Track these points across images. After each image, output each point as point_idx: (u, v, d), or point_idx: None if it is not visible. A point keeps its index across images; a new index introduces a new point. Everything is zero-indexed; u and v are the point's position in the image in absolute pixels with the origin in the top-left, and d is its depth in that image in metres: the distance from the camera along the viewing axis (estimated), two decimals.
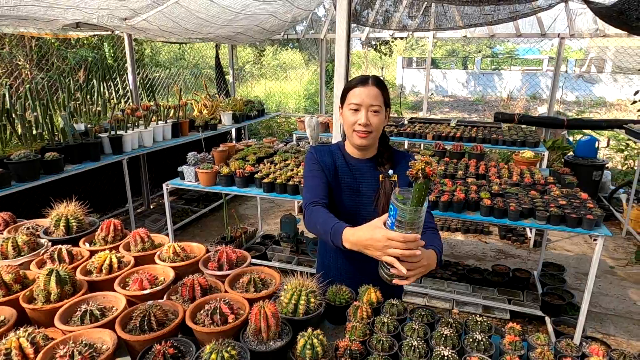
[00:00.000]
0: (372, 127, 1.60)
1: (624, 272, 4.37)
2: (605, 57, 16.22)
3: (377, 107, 1.59)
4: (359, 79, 1.63)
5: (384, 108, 1.63)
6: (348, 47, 2.09)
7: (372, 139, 1.64)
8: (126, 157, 4.17)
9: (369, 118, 1.59)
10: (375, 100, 1.58)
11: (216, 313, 1.31)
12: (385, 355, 1.25)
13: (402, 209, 1.20)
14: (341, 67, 2.18)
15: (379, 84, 1.61)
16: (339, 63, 2.14)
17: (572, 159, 6.01)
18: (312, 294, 1.41)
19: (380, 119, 1.61)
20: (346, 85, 1.67)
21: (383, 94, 1.62)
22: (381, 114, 1.61)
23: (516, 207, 2.57)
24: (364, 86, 1.59)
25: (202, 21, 5.10)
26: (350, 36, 2.09)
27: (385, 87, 1.64)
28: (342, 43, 2.06)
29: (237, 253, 1.69)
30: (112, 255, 1.61)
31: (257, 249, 4.40)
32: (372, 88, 1.59)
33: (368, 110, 1.59)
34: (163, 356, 1.16)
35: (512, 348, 1.32)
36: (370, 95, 1.58)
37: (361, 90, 1.59)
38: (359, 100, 1.59)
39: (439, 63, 25.70)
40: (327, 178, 1.71)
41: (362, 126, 1.59)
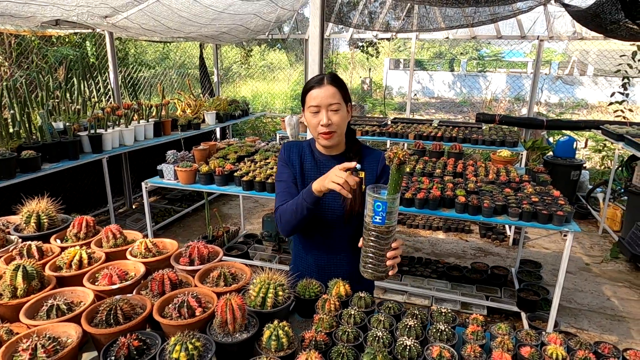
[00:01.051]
0: (334, 125, 1.60)
1: (599, 269, 4.47)
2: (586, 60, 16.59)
3: (335, 105, 1.58)
4: (315, 79, 1.63)
5: (344, 104, 1.63)
6: (322, 46, 2.11)
7: (337, 137, 1.65)
8: (106, 156, 4.14)
9: (330, 117, 1.59)
10: (333, 98, 1.58)
11: (183, 306, 1.32)
12: (350, 345, 1.28)
13: (388, 200, 1.28)
14: (315, 66, 2.20)
15: (335, 82, 1.61)
16: (313, 62, 2.16)
17: (552, 159, 6.13)
18: (280, 287, 1.43)
19: (341, 116, 1.61)
20: (304, 88, 1.66)
21: (340, 91, 1.61)
22: (341, 111, 1.61)
23: (490, 204, 2.63)
24: (321, 86, 1.59)
25: (184, 20, 5.09)
26: (324, 36, 2.11)
27: (342, 84, 1.64)
28: (315, 42, 2.08)
29: (209, 248, 1.70)
30: (82, 251, 1.61)
31: (239, 248, 4.40)
32: (328, 87, 1.59)
33: (328, 109, 1.59)
34: (127, 348, 1.17)
35: (474, 338, 1.35)
36: (327, 95, 1.58)
37: (318, 91, 1.59)
38: (317, 101, 1.59)
39: (425, 65, 25.94)
40: (294, 176, 1.73)
41: (325, 126, 1.60)
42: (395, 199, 1.30)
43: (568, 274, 4.33)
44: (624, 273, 4.39)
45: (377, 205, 1.30)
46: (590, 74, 18.01)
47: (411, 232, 5.32)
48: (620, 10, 4.12)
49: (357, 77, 19.83)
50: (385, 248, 1.38)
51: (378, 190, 1.33)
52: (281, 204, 1.69)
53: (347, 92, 1.67)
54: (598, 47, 7.86)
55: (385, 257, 1.39)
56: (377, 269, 1.41)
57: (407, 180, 3.20)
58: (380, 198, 1.29)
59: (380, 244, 1.37)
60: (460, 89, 21.79)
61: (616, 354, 1.31)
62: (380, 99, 17.60)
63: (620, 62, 6.03)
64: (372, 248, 1.38)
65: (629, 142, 4.79)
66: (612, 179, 5.28)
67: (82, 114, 4.43)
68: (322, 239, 1.79)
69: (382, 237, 1.36)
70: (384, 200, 1.29)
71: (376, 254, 1.39)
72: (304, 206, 1.56)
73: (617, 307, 3.78)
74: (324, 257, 1.80)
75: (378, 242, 1.37)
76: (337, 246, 1.79)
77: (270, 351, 1.24)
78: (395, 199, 1.30)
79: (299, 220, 1.60)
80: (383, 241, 1.37)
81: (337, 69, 17.99)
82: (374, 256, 1.40)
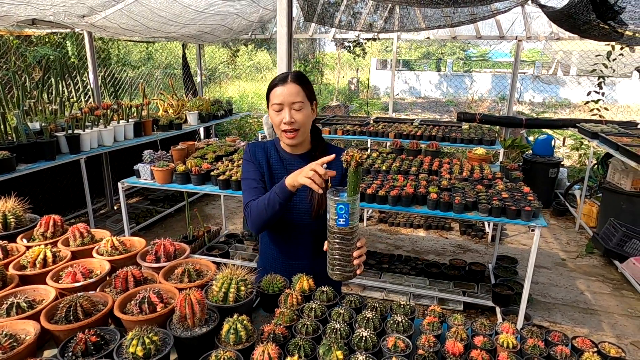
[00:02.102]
0: (298, 123, 1.62)
1: (574, 264, 4.57)
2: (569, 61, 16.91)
3: (299, 103, 1.60)
4: (279, 77, 1.64)
5: (308, 103, 1.64)
6: (290, 46, 2.13)
7: (301, 135, 1.66)
8: (84, 156, 4.10)
9: (292, 115, 1.60)
10: (296, 97, 1.59)
11: (144, 302, 1.33)
12: (309, 338, 1.30)
13: (350, 201, 1.32)
14: (283, 65, 2.22)
15: (298, 80, 1.62)
16: (281, 61, 2.18)
17: (530, 157, 6.24)
18: (243, 282, 1.45)
19: (305, 114, 1.63)
20: (268, 86, 1.67)
21: (304, 89, 1.62)
22: (305, 109, 1.62)
23: (461, 201, 2.68)
24: (284, 84, 1.60)
25: (164, 20, 5.07)
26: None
27: (306, 82, 1.65)
28: (283, 41, 2.10)
29: (175, 246, 1.71)
30: (46, 250, 1.61)
31: (220, 248, 4.41)
32: (291, 85, 1.60)
33: (290, 108, 1.60)
34: (84, 344, 1.18)
35: (430, 328, 1.39)
36: (291, 93, 1.59)
37: (282, 89, 1.60)
38: (280, 99, 1.60)
39: (412, 65, 26.13)
40: (261, 173, 1.75)
41: (288, 124, 1.61)
42: (355, 199, 1.34)
43: (544, 269, 4.43)
44: (598, 268, 4.50)
45: (339, 208, 1.33)
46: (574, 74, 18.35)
47: (392, 230, 5.37)
48: (591, 11, 4.22)
49: (344, 77, 19.90)
50: (350, 248, 1.41)
51: (337, 193, 1.36)
52: (251, 199, 1.69)
53: (311, 90, 1.68)
54: (575, 47, 8.03)
55: (352, 257, 1.42)
56: (344, 270, 1.44)
57: (382, 179, 3.25)
58: (341, 201, 1.32)
59: (346, 245, 1.40)
60: (446, 89, 22.01)
61: (565, 341, 1.36)
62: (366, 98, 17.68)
63: (596, 62, 6.17)
64: (338, 250, 1.41)
65: (603, 140, 4.90)
66: (587, 176, 5.40)
67: (60, 114, 4.39)
68: (288, 241, 1.81)
69: (347, 239, 1.39)
70: (345, 203, 1.32)
71: (342, 256, 1.41)
72: (276, 201, 1.56)
73: (589, 300, 3.87)
74: (289, 259, 1.82)
75: (343, 243, 1.39)
76: (302, 249, 1.80)
77: (229, 344, 1.26)
78: (356, 199, 1.34)
79: (270, 216, 1.60)
80: (348, 242, 1.40)
81: (324, 69, 18.04)
82: (341, 258, 1.42)
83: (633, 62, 6.75)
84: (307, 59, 16.38)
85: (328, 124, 5.84)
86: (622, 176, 4.77)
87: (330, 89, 18.00)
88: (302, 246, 1.80)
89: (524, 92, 18.02)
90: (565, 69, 20.05)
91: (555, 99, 17.10)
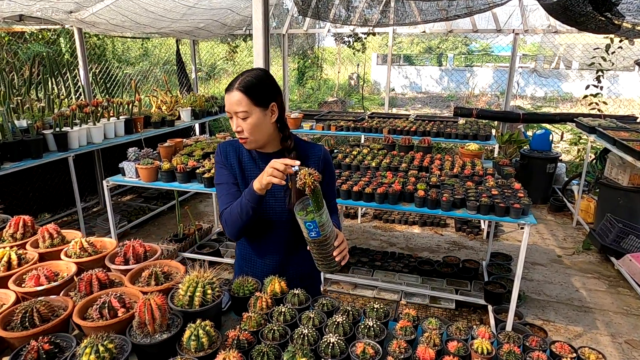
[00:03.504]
0: (245, 132, 1.55)
1: (570, 260, 4.51)
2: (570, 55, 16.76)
3: (242, 112, 1.52)
4: (230, 83, 1.56)
5: (257, 109, 1.54)
6: (266, 40, 2.06)
7: (253, 142, 1.60)
8: (72, 154, 4.06)
9: (239, 124, 1.55)
10: (238, 106, 1.51)
11: (105, 307, 1.29)
12: (275, 344, 1.25)
13: (316, 218, 1.36)
14: (260, 60, 2.14)
15: (244, 88, 1.52)
16: (258, 56, 2.10)
17: (528, 152, 6.16)
18: (210, 285, 1.39)
19: (252, 122, 1.54)
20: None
21: (250, 97, 1.52)
22: (252, 117, 1.53)
23: (448, 198, 2.61)
24: (230, 92, 1.53)
25: (155, 15, 5.01)
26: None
27: (252, 89, 1.53)
28: (259, 35, 2.03)
29: (146, 247, 1.66)
30: (11, 252, 1.57)
31: (211, 246, 4.36)
32: (234, 94, 1.51)
33: (236, 117, 1.54)
34: (37, 352, 1.13)
35: (402, 333, 1.34)
36: (234, 102, 1.52)
37: (227, 97, 1.54)
38: (227, 107, 1.55)
39: (414, 60, 25.98)
40: (234, 176, 1.69)
41: (237, 132, 1.57)
42: (322, 213, 1.37)
43: (539, 266, 4.37)
44: (594, 264, 4.43)
45: (308, 225, 1.38)
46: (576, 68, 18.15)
47: (387, 227, 5.32)
48: (587, 2, 4.13)
49: (345, 72, 19.79)
50: (329, 250, 1.46)
51: (306, 205, 1.39)
52: (225, 207, 1.64)
53: (261, 95, 1.55)
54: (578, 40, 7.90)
55: (332, 255, 1.46)
56: (329, 266, 1.50)
57: (371, 175, 3.18)
58: (307, 219, 1.37)
59: (324, 249, 1.45)
60: (447, 84, 21.87)
61: (544, 346, 1.30)
62: (365, 94, 17.59)
63: (595, 55, 6.07)
64: (317, 254, 1.47)
65: (600, 135, 4.82)
66: (585, 171, 5.32)
67: (48, 112, 4.34)
68: (262, 238, 1.75)
69: (322, 245, 1.44)
70: (312, 219, 1.36)
71: (323, 257, 1.47)
72: (248, 207, 1.53)
73: (584, 298, 3.81)
74: (263, 256, 1.76)
75: (321, 249, 1.45)
76: (275, 246, 1.75)
77: (190, 351, 1.21)
78: (322, 213, 1.37)
79: (245, 222, 1.57)
80: (325, 247, 1.45)
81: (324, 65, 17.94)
82: (322, 259, 1.48)
83: (633, 55, 6.64)
84: (307, 54, 16.29)
85: (322, 119, 5.77)
86: (620, 171, 4.69)
87: (330, 85, 17.91)
88: (276, 243, 1.75)
89: (526, 87, 17.88)
90: (567, 63, 19.87)
91: (558, 93, 16.94)
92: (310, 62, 16.46)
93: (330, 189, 1.77)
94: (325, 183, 1.71)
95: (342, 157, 3.64)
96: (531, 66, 21.46)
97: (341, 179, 3.15)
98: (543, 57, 22.41)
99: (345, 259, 1.49)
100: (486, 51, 25.71)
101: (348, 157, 3.65)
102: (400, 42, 26.37)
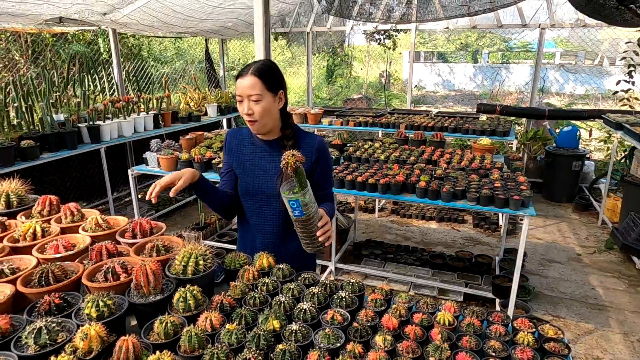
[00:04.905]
0: (255, 115, 1.67)
1: (590, 259, 4.41)
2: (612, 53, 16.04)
3: (255, 95, 1.64)
4: (242, 69, 1.70)
5: (268, 94, 1.67)
6: (267, 36, 2.19)
7: (261, 126, 1.72)
8: (104, 146, 4.36)
9: (250, 107, 1.66)
10: (252, 89, 1.64)
11: (109, 272, 1.46)
12: (255, 309, 1.39)
13: (299, 197, 1.46)
14: (260, 55, 2.29)
15: (258, 72, 1.65)
16: (259, 51, 2.25)
17: (553, 149, 6.03)
18: (202, 257, 1.55)
19: (263, 106, 1.66)
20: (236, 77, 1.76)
21: (263, 81, 1.64)
22: (263, 101, 1.66)
23: (449, 189, 2.67)
24: (243, 76, 1.66)
25: (182, 16, 5.27)
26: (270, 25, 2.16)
27: (266, 75, 1.66)
28: (259, 30, 2.17)
29: (152, 224, 1.84)
30: (36, 225, 1.78)
31: (230, 235, 4.57)
32: (249, 78, 1.64)
33: (249, 100, 1.66)
34: (49, 305, 1.32)
35: (373, 305, 1.44)
36: (247, 86, 1.64)
37: (240, 81, 1.66)
38: (239, 91, 1.67)
39: (448, 57, 25.53)
40: (229, 165, 1.89)
41: (247, 115, 1.69)
42: (305, 194, 1.47)
43: (556, 264, 4.31)
44: (615, 264, 4.32)
45: (291, 203, 1.48)
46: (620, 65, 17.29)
47: (404, 221, 5.37)
48: None
49: (376, 70, 19.72)
50: (312, 230, 1.56)
51: (292, 187, 1.49)
52: None
53: (273, 81, 1.70)
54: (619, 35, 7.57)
55: (316, 235, 1.56)
56: (313, 245, 1.61)
57: (378, 168, 3.27)
58: (291, 197, 1.47)
59: (308, 229, 1.56)
60: (481, 82, 21.37)
61: (506, 321, 1.38)
62: (396, 92, 17.50)
63: (626, 50, 5.86)
64: (301, 233, 1.58)
65: (627, 131, 4.68)
66: (611, 169, 5.17)
67: (83, 107, 4.67)
68: (261, 216, 1.90)
69: (306, 224, 1.54)
70: (295, 199, 1.46)
71: (307, 236, 1.58)
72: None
73: (600, 296, 3.75)
74: (262, 239, 1.91)
75: (304, 228, 1.56)
76: (272, 228, 1.89)
77: (178, 311, 1.37)
78: (305, 193, 1.47)
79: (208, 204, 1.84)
80: (309, 226, 1.55)
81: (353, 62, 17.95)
82: (306, 237, 1.59)
83: None
84: (336, 52, 16.36)
85: (342, 115, 5.87)
86: None
87: (359, 82, 17.92)
88: (271, 219, 1.88)
89: (565, 84, 17.24)
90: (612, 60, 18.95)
91: (599, 90, 16.23)
92: (340, 60, 16.52)
93: (324, 178, 1.88)
94: (319, 172, 1.85)
95: (354, 151, 3.74)
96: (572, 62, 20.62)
97: (347, 170, 3.25)
98: (584, 53, 21.49)
99: (329, 240, 1.59)
100: (526, 47, 24.89)
101: (359, 150, 3.75)
102: (435, 40, 25.98)
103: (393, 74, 18.51)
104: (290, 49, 14.66)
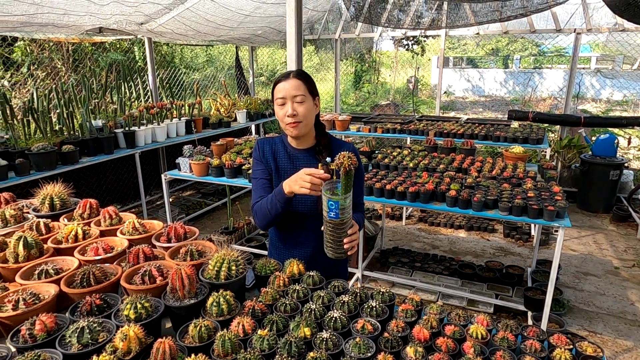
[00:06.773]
0: (300, 116, 1.71)
1: (629, 273, 4.23)
2: None
3: (300, 96, 1.69)
4: (282, 74, 1.76)
5: (310, 97, 1.73)
6: (299, 45, 2.22)
7: (303, 127, 1.75)
8: (138, 151, 4.51)
9: (295, 108, 1.70)
10: (297, 90, 1.70)
11: (146, 275, 1.52)
12: (285, 315, 1.41)
13: (340, 199, 1.46)
14: (292, 64, 2.32)
15: (300, 76, 1.74)
16: (291, 61, 2.29)
17: (589, 157, 5.83)
18: (235, 263, 1.58)
19: (307, 107, 1.72)
20: (273, 83, 1.79)
21: (306, 84, 1.72)
22: (307, 102, 1.71)
23: (480, 198, 2.62)
24: (286, 80, 1.72)
25: (214, 25, 5.41)
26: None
27: (307, 78, 1.75)
28: (292, 40, 2.21)
29: (186, 229, 1.89)
30: (78, 228, 1.86)
31: (258, 240, 4.63)
32: (293, 80, 1.71)
33: (293, 101, 1.70)
34: (90, 305, 1.38)
35: (403, 315, 1.44)
36: (292, 87, 1.69)
37: (284, 84, 1.71)
38: (283, 93, 1.71)
39: (478, 62, 25.11)
40: (268, 172, 1.86)
41: (290, 117, 1.71)
42: (346, 197, 1.48)
43: (592, 277, 4.15)
44: None
45: (330, 204, 1.48)
46: None
47: (432, 229, 5.29)
48: None
49: (403, 75, 19.60)
50: (341, 235, 1.56)
51: (333, 187, 1.50)
52: (257, 200, 1.84)
53: (313, 86, 1.78)
54: None
55: (342, 242, 1.57)
56: (336, 251, 1.60)
57: (407, 175, 3.25)
58: (332, 198, 1.47)
59: (337, 233, 1.56)
60: (512, 87, 20.91)
61: (542, 337, 1.34)
62: (424, 98, 17.33)
63: None
64: (330, 235, 1.57)
65: None
66: None
67: (120, 113, 4.85)
68: (295, 231, 1.91)
69: (337, 228, 1.54)
70: (336, 200, 1.47)
71: (334, 240, 1.57)
72: (277, 205, 1.71)
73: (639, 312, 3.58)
74: (294, 248, 1.92)
75: (334, 231, 1.56)
76: (306, 238, 1.90)
77: (212, 315, 1.40)
78: (347, 197, 1.48)
79: (273, 217, 1.76)
80: (339, 231, 1.55)
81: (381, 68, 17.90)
82: (332, 241, 1.58)
83: None
84: (364, 58, 16.37)
85: (370, 122, 5.87)
86: None
87: (387, 88, 17.84)
88: (305, 236, 1.90)
89: (602, 89, 16.65)
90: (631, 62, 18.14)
91: (638, 96, 15.59)
92: (367, 66, 16.51)
93: (357, 187, 1.88)
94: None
95: (382, 158, 3.73)
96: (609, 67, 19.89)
97: (376, 177, 3.24)
98: (622, 57, 20.69)
99: (353, 249, 1.59)
100: (559, 52, 24.18)
101: (387, 157, 3.74)
102: (465, 45, 25.62)
103: (421, 79, 18.33)
104: (317, 55, 14.77)
